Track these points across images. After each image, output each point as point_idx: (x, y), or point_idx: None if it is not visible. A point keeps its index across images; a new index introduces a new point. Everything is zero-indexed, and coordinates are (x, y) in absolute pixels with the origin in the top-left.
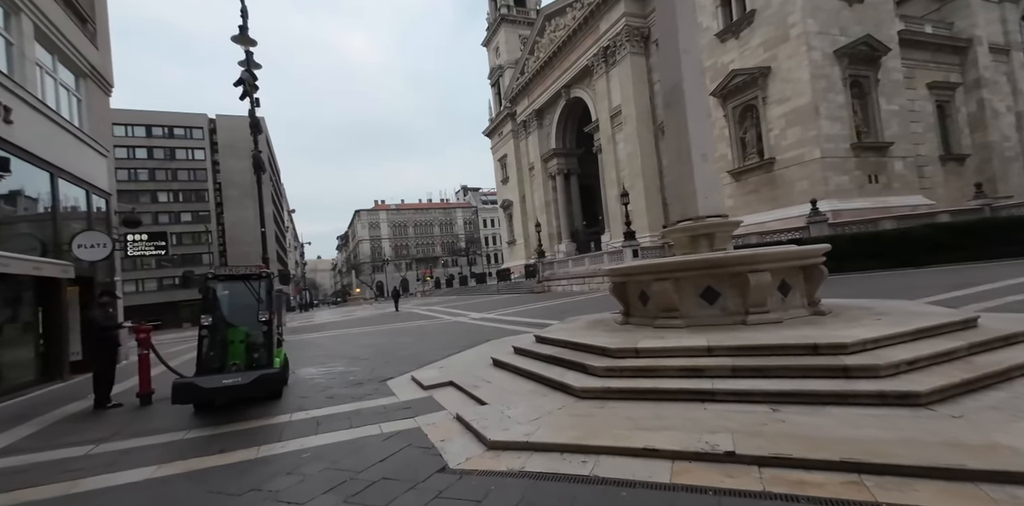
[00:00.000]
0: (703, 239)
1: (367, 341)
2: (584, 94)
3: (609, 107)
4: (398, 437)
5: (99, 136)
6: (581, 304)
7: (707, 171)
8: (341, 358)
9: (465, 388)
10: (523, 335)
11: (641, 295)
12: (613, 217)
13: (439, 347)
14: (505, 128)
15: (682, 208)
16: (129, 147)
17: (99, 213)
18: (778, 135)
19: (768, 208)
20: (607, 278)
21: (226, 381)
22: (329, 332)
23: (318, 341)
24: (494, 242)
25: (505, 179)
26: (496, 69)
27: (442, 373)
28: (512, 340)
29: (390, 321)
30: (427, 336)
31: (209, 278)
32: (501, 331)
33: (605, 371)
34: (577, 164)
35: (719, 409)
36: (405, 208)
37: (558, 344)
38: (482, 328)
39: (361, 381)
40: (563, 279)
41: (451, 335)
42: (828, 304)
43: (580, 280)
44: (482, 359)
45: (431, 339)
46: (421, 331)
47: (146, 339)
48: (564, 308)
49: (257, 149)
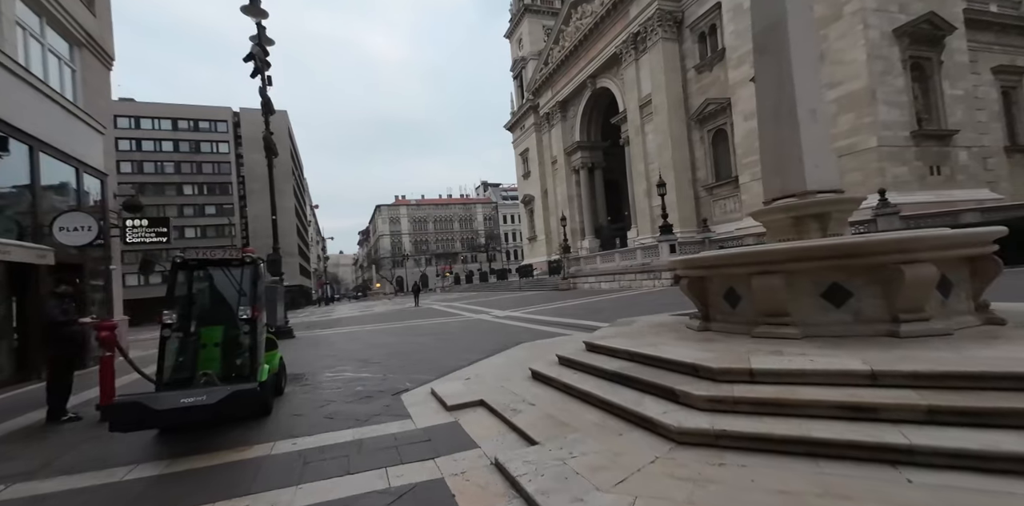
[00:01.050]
0: (811, 221)
1: (382, 340)
2: (611, 84)
3: (638, 96)
4: (411, 499)
5: (96, 112)
6: (617, 303)
7: (817, 133)
8: (351, 361)
9: (501, 412)
10: (559, 338)
11: (728, 293)
12: (641, 212)
13: (462, 349)
14: (527, 121)
15: (781, 182)
16: (156, 140)
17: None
18: (828, 122)
19: None
20: (676, 271)
21: (186, 400)
22: (344, 328)
23: (331, 339)
24: (514, 238)
25: (526, 174)
26: (519, 61)
27: (468, 387)
28: (549, 344)
29: (408, 318)
30: (448, 336)
31: (176, 264)
32: (531, 332)
33: (708, 402)
34: (602, 158)
35: (931, 482)
36: (425, 204)
37: (621, 355)
38: (508, 328)
39: (370, 393)
40: (590, 276)
41: (474, 335)
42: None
43: (609, 277)
44: (516, 368)
45: (452, 340)
46: (441, 330)
47: (110, 338)
48: (597, 307)
49: (268, 130)
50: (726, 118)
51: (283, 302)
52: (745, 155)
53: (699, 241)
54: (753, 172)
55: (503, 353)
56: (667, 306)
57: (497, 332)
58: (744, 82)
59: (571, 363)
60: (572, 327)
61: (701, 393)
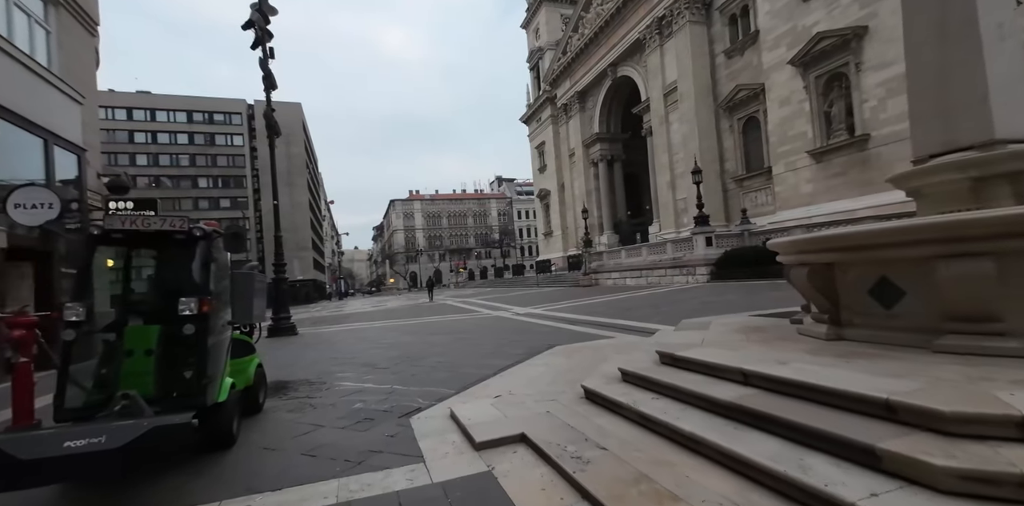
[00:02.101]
0: (1001, 184)
1: (393, 339)
2: (633, 72)
3: (662, 84)
4: None
5: (76, 80)
6: (650, 300)
7: (1007, 58)
8: (354, 365)
9: (556, 460)
10: (601, 341)
11: (879, 287)
12: (664, 206)
13: (485, 353)
14: (544, 113)
15: (946, 130)
16: (171, 132)
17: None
18: (875, 107)
19: (857, 194)
20: (784, 258)
21: (73, 444)
22: (354, 324)
23: (337, 337)
24: (528, 234)
25: (542, 168)
26: (535, 52)
27: (501, 410)
28: (591, 349)
29: (422, 314)
30: (467, 335)
31: (93, 237)
32: (562, 333)
33: (958, 480)
34: (621, 150)
35: None
36: (439, 198)
37: (728, 376)
38: (533, 327)
39: (371, 414)
40: (614, 271)
41: (496, 335)
42: None
43: (635, 272)
44: (560, 382)
45: (472, 340)
46: (458, 328)
47: (25, 338)
48: (628, 304)
49: (270, 107)
50: (758, 105)
51: (264, 295)
52: (780, 144)
53: (737, 234)
54: (788, 162)
55: (537, 359)
56: (714, 306)
57: (523, 332)
58: (780, 66)
59: (644, 382)
60: (610, 328)
61: (944, 463)
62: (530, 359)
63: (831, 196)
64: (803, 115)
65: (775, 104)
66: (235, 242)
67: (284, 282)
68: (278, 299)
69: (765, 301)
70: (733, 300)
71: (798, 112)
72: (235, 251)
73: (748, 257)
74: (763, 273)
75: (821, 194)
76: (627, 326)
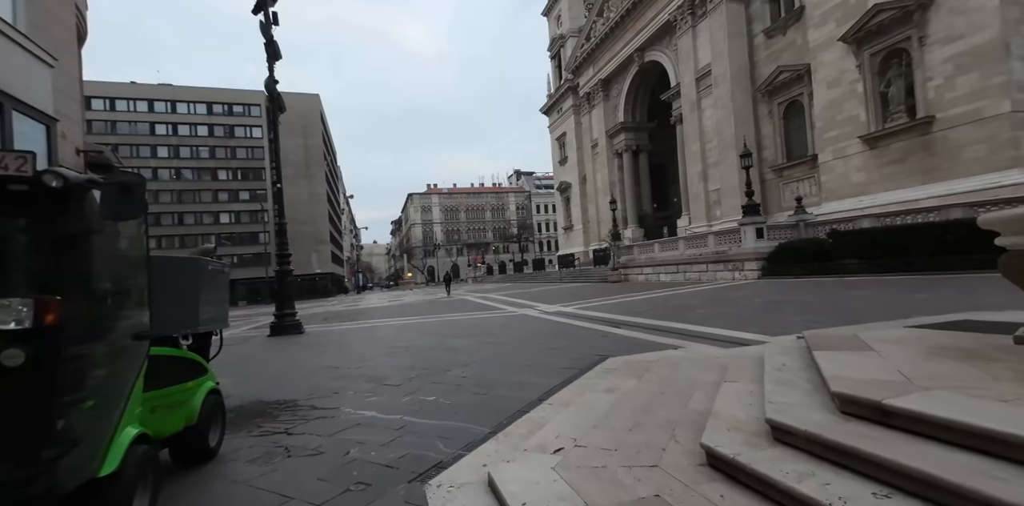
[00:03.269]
0: None
1: (408, 341)
2: (662, 56)
3: (694, 68)
4: None
5: (50, 41)
6: (700, 299)
7: None
8: (358, 380)
9: None
10: (672, 353)
11: None
12: (695, 198)
13: (520, 363)
14: (565, 103)
15: None
16: (191, 124)
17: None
18: (941, 86)
19: (919, 182)
20: (1006, 241)
21: None
22: (367, 322)
23: (346, 337)
24: (547, 228)
25: (563, 160)
26: (557, 39)
27: (573, 485)
28: (665, 365)
29: (440, 311)
30: (493, 339)
31: None
32: (609, 338)
33: None
34: (647, 140)
35: None
36: (457, 192)
37: None
38: (569, 329)
39: (369, 475)
40: (645, 266)
41: (528, 339)
42: None
43: (671, 267)
44: (646, 425)
45: (501, 345)
46: (482, 329)
47: None
48: (674, 302)
49: (272, 78)
50: (802, 87)
51: (224, 290)
52: (827, 129)
53: (791, 225)
54: (836, 149)
55: (592, 377)
56: (785, 307)
57: (560, 335)
58: (829, 43)
59: (840, 454)
60: (667, 333)
61: None
62: (583, 378)
63: (887, 185)
64: (855, 97)
65: (822, 86)
66: (119, 201)
67: (289, 274)
68: (282, 293)
69: (856, 303)
70: (806, 301)
71: (849, 94)
72: (118, 216)
73: (806, 251)
74: (824, 269)
75: (875, 183)
76: (689, 331)
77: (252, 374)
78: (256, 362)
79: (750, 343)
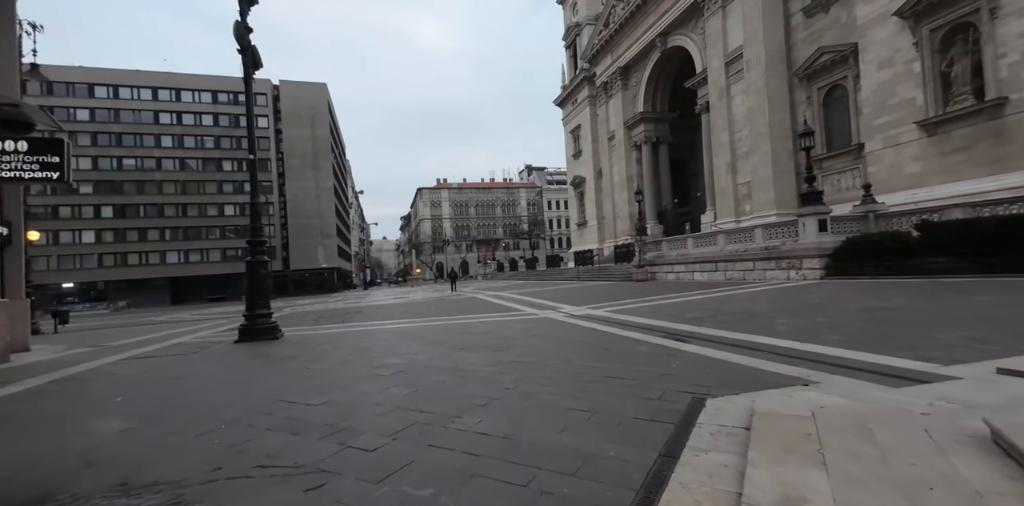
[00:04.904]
0: None
1: (403, 357)
2: (688, 40)
3: (723, 52)
4: None
5: None
6: (764, 303)
7: None
8: (310, 436)
9: None
10: (809, 391)
11: None
12: (721, 191)
13: (565, 408)
14: (580, 94)
15: None
16: (196, 113)
17: None
18: (1017, 63)
19: (986, 173)
20: None
21: None
22: (361, 324)
23: (325, 347)
24: (559, 225)
25: (577, 153)
26: (572, 28)
27: None
28: (838, 424)
29: (450, 311)
30: (515, 354)
31: None
32: (679, 359)
33: None
34: (668, 132)
35: None
36: (467, 187)
37: None
38: (611, 339)
39: None
40: (676, 264)
41: (563, 355)
42: None
43: (708, 265)
44: None
45: (529, 365)
46: (500, 338)
47: None
48: (733, 306)
49: (244, 23)
50: (846, 70)
51: None
52: (876, 115)
53: (859, 216)
54: (887, 136)
55: (711, 453)
56: (893, 317)
57: (606, 352)
58: (881, 20)
59: None
60: (765, 353)
61: None
62: (691, 451)
63: (948, 176)
64: (910, 78)
65: (871, 67)
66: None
67: (263, 267)
68: (253, 289)
69: (1001, 312)
70: (922, 308)
71: (904, 75)
72: None
73: (886, 246)
74: (909, 268)
75: (933, 174)
76: (799, 353)
77: (162, 413)
78: (183, 390)
79: (918, 376)
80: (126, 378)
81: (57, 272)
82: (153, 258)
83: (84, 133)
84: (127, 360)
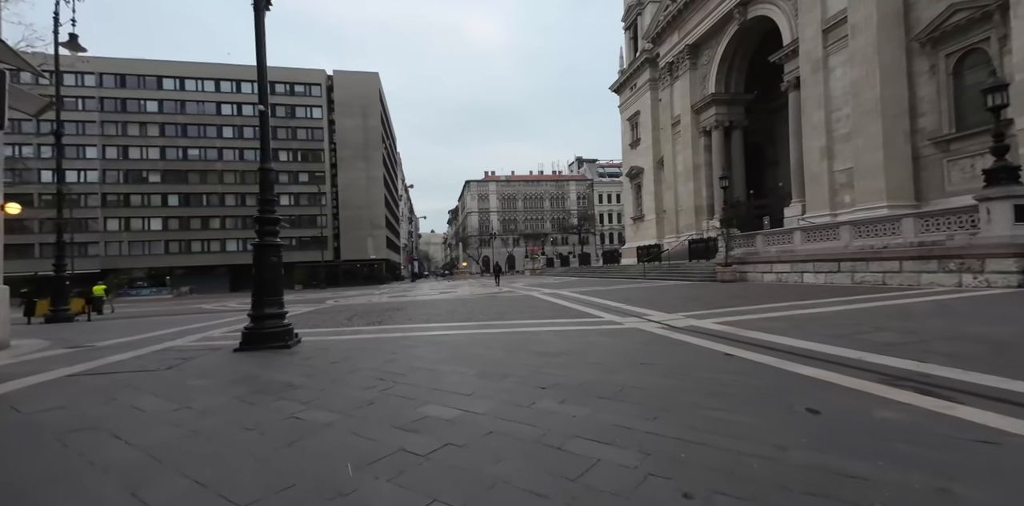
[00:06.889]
0: None
1: (457, 402)
2: (774, 8)
3: (821, 17)
4: None
5: None
6: (982, 318)
7: None
8: None
9: None
10: None
11: None
12: (813, 180)
13: None
14: (640, 78)
15: None
16: (255, 104)
17: None
18: None
19: None
20: None
21: None
22: (400, 328)
23: (349, 369)
24: (609, 220)
25: (635, 142)
26: (634, 6)
27: None
28: None
29: (505, 313)
30: (640, 408)
31: None
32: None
33: None
34: (743, 115)
35: None
36: (515, 179)
37: None
38: (788, 380)
39: None
40: (776, 262)
41: (733, 412)
42: None
43: (826, 264)
44: None
45: (690, 444)
46: (596, 366)
47: None
48: (935, 326)
49: None
50: (987, 31)
51: None
52: None
53: None
54: None
55: None
56: None
57: (814, 415)
58: None
59: None
60: None
61: None
62: None
63: None
64: None
65: None
66: None
67: (274, 253)
68: (260, 281)
69: None
70: None
71: None
72: None
73: None
74: None
75: None
76: None
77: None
78: (50, 472)
79: None
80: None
81: (129, 257)
82: (214, 246)
83: (153, 124)
84: (70, 377)
